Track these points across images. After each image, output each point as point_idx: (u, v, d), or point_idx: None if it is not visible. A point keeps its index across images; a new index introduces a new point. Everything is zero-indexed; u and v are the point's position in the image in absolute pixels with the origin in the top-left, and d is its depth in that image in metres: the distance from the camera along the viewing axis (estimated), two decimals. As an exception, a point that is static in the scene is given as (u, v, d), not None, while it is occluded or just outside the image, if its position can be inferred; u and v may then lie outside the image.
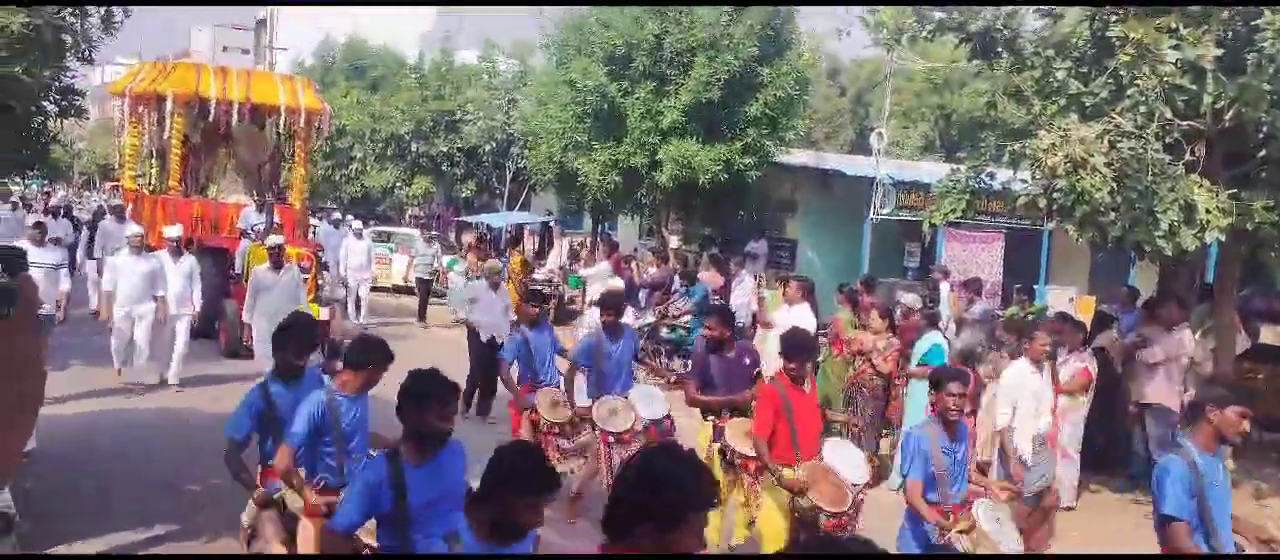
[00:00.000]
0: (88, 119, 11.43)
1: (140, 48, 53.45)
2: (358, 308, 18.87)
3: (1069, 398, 9.46)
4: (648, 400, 8.27)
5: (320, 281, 15.52)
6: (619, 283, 12.16)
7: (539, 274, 22.93)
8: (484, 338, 11.67)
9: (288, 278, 11.96)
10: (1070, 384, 9.55)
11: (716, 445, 7.31)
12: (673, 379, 11.10)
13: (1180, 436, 5.42)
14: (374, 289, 20.77)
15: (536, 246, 29.07)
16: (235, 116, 17.01)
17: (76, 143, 61.86)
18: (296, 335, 5.82)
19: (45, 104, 8.25)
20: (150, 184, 17.92)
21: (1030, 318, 13.32)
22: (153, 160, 17.87)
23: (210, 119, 17.26)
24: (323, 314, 14.00)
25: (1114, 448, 10.97)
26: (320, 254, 16.36)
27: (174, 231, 12.85)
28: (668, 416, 8.26)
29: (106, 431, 9.84)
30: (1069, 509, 9.61)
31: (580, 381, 8.50)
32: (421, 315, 19.86)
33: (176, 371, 12.20)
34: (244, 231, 16.10)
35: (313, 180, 21.40)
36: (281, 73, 26.36)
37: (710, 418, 7.58)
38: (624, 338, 8.46)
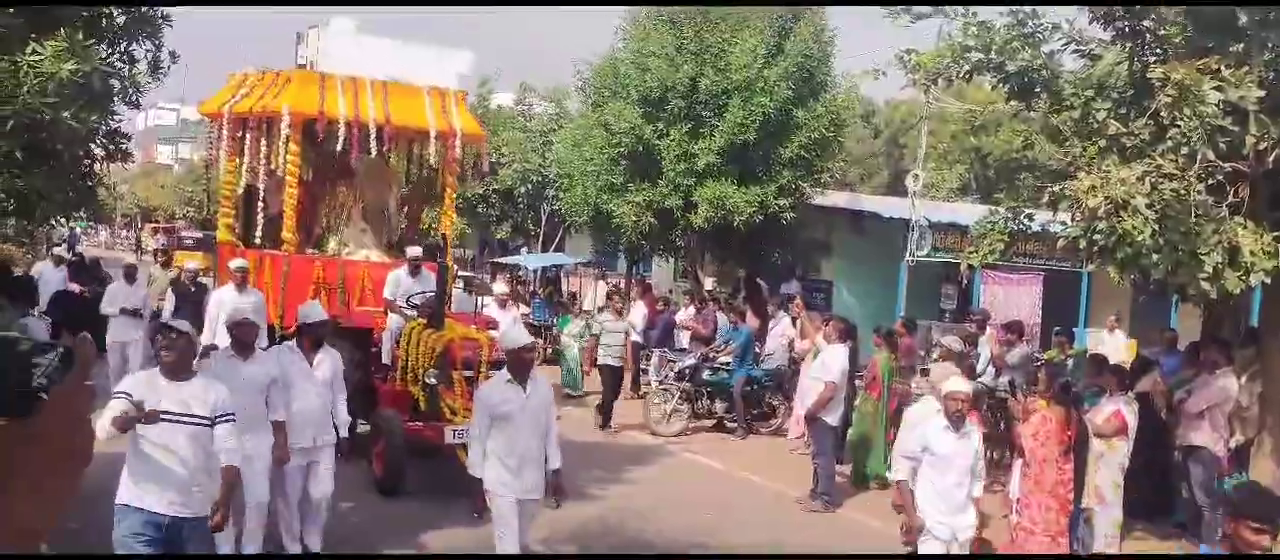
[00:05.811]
0: (133, 163, 10.17)
1: (183, 92, 54.60)
2: None
3: (1104, 442, 9.38)
4: None
5: None
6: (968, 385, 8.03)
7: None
8: None
9: (538, 396, 6.94)
10: (1103, 428, 9.46)
11: None
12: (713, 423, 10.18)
13: None
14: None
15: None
16: (372, 143, 12.13)
17: (118, 185, 62.99)
18: None
19: (93, 148, 8.36)
20: (255, 236, 12.79)
21: (1070, 361, 13.20)
22: (261, 201, 12.56)
23: (332, 147, 12.50)
24: None
25: (1160, 494, 10.80)
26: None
27: (314, 313, 8.04)
28: None
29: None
30: (1111, 556, 9.46)
31: None
32: (607, 418, 14.12)
33: (319, 533, 7.89)
34: (392, 304, 11.33)
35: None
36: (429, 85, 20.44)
37: None
38: None
